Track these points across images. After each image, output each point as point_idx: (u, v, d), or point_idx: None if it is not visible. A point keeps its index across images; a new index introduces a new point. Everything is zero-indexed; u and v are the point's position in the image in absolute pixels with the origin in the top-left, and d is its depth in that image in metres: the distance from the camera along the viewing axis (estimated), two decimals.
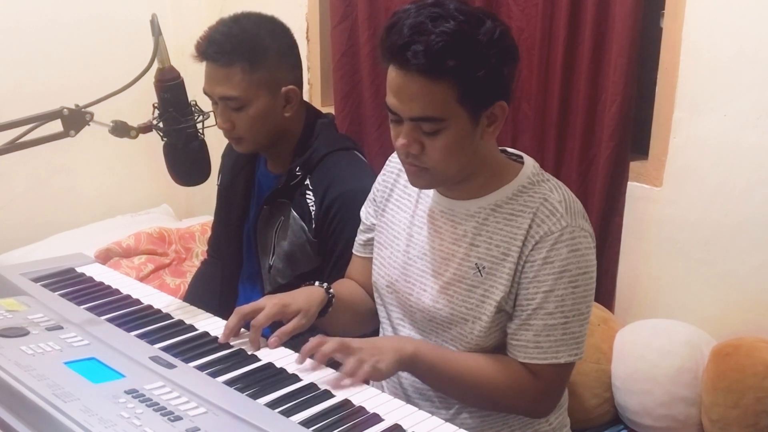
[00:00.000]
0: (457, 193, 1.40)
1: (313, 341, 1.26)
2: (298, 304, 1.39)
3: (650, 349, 1.89)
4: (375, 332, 1.62)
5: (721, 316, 1.93)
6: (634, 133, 2.01)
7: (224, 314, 1.52)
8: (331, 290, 1.46)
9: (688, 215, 1.94)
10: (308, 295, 1.42)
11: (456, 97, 1.24)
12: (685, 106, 1.91)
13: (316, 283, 1.48)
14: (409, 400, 1.46)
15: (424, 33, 1.20)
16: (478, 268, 1.36)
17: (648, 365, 1.87)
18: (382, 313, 1.55)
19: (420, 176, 1.34)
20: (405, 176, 1.51)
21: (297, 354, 1.32)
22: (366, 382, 1.24)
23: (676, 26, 1.89)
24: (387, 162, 1.58)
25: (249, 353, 1.32)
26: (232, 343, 1.36)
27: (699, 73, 1.87)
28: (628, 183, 2.03)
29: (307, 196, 1.73)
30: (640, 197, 2.02)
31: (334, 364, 1.29)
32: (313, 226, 1.72)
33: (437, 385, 1.39)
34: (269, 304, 1.37)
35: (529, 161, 1.42)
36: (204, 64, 1.69)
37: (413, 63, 1.21)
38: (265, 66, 1.68)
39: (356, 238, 1.62)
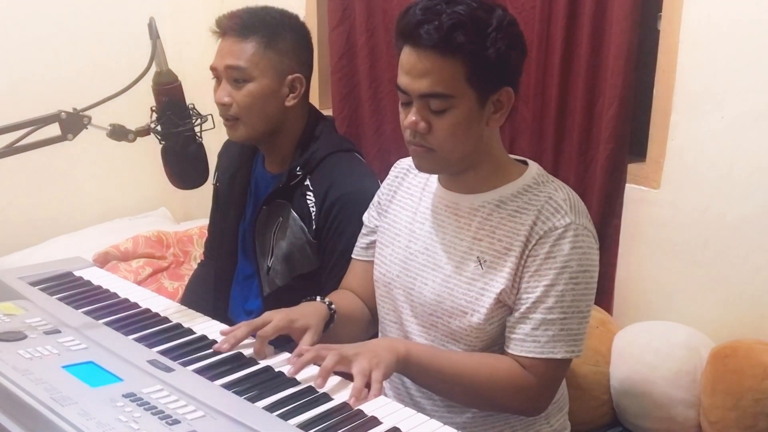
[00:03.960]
0: (462, 186, 1.42)
1: (308, 355, 1.25)
2: (305, 320, 1.38)
3: (648, 351, 1.89)
4: (372, 338, 1.61)
5: (720, 318, 1.93)
6: (631, 135, 2.01)
7: (218, 315, 1.52)
8: (333, 306, 1.46)
9: (686, 217, 1.95)
10: (313, 311, 1.42)
11: (465, 75, 1.28)
12: (683, 109, 1.91)
13: (318, 298, 1.47)
14: (412, 398, 1.47)
15: (437, 13, 1.26)
16: (479, 261, 1.37)
17: (646, 367, 1.87)
18: (382, 311, 1.56)
19: (425, 157, 1.36)
20: (409, 179, 1.54)
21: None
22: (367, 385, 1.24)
23: (673, 28, 1.89)
24: (393, 167, 1.61)
25: (247, 356, 1.32)
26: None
27: (696, 75, 1.87)
28: (626, 185, 2.03)
29: (307, 196, 1.73)
30: (638, 199, 2.02)
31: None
32: (314, 227, 1.72)
33: (430, 385, 1.39)
34: (276, 317, 1.36)
35: (533, 164, 1.45)
36: (218, 43, 1.73)
37: (426, 39, 1.26)
38: (279, 50, 1.71)
39: (357, 242, 1.63)
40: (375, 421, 1.13)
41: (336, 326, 1.46)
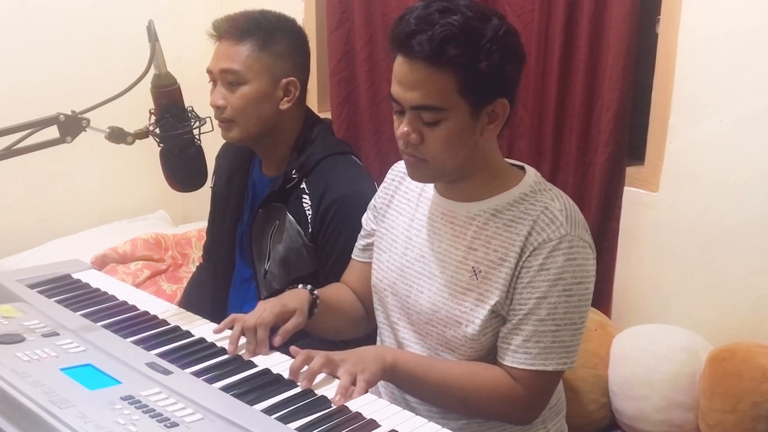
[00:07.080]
0: (458, 194, 1.41)
1: (298, 359, 1.27)
2: (293, 304, 1.41)
3: (647, 354, 1.89)
4: (367, 337, 1.62)
5: (718, 321, 1.93)
6: (630, 138, 2.01)
7: (216, 318, 1.52)
8: (316, 292, 1.47)
9: (685, 220, 1.95)
10: (296, 296, 1.44)
11: (457, 88, 1.26)
12: (681, 112, 1.91)
13: (300, 286, 1.49)
14: (408, 404, 1.46)
15: (431, 23, 1.23)
16: (474, 271, 1.36)
17: (645, 370, 1.87)
18: (380, 317, 1.56)
19: (418, 168, 1.35)
20: (405, 183, 1.53)
21: (293, 359, 1.33)
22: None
23: (671, 32, 1.89)
24: (389, 171, 1.60)
25: (246, 359, 1.32)
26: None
27: (695, 78, 1.87)
28: (625, 188, 2.03)
29: (303, 199, 1.73)
30: (637, 202, 2.02)
31: None
32: (310, 230, 1.72)
33: (417, 393, 1.40)
34: (269, 305, 1.38)
35: (530, 170, 1.43)
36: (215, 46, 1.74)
37: (417, 50, 1.24)
38: (273, 52, 1.71)
39: (356, 243, 1.63)
40: (374, 424, 1.13)
41: (322, 315, 1.48)
